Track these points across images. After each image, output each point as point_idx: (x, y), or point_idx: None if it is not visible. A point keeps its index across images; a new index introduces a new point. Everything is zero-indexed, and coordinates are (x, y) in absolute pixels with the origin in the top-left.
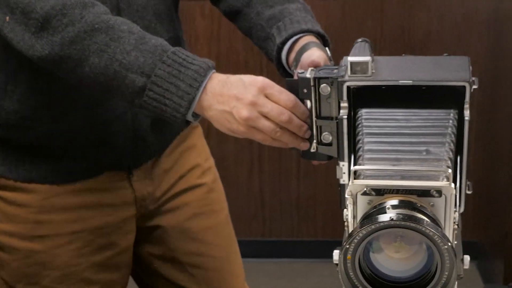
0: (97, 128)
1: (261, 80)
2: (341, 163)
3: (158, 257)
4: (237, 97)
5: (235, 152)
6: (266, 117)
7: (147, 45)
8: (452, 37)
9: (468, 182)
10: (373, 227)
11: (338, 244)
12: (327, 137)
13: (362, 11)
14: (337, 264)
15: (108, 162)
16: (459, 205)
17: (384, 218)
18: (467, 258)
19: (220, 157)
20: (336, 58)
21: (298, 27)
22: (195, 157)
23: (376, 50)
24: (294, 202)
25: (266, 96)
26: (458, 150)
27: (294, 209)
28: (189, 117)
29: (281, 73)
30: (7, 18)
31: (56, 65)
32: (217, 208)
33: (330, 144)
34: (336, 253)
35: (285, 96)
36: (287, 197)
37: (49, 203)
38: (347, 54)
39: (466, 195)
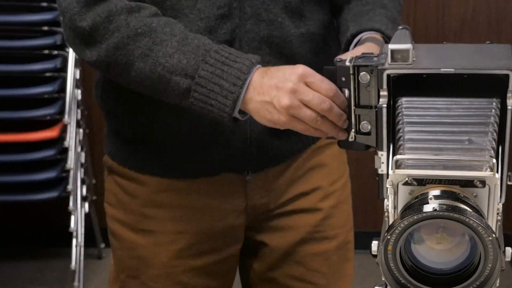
0: (209, 126)
1: (301, 68)
2: (379, 153)
3: (258, 274)
4: (277, 86)
5: None
6: (306, 105)
7: (189, 46)
8: (486, 25)
9: (509, 173)
10: (415, 217)
11: (369, 236)
12: (365, 126)
13: None
14: (375, 255)
15: (220, 162)
16: (501, 196)
17: (427, 208)
18: (509, 250)
19: None
20: None
21: (367, 24)
22: (321, 178)
23: None
24: None
25: (307, 85)
26: (500, 140)
27: None
28: (236, 114)
29: None
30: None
31: (106, 70)
32: (330, 234)
33: (369, 133)
34: (374, 244)
35: (326, 84)
36: None
37: (157, 197)
38: None
39: (508, 186)
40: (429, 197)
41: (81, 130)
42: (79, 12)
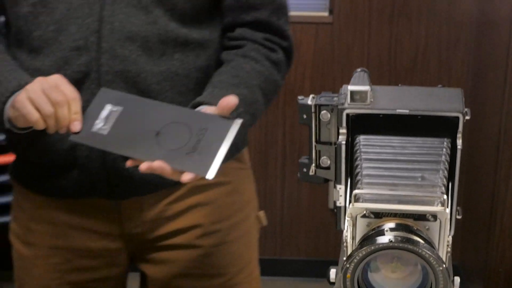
0: (67, 149)
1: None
2: (338, 186)
3: None
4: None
5: None
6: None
7: None
8: (436, 65)
9: (457, 208)
10: (372, 248)
11: (320, 264)
12: (325, 161)
13: (350, 36)
14: (332, 283)
15: (81, 186)
16: (450, 229)
17: (383, 240)
18: (457, 279)
19: None
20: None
21: (208, 98)
22: (202, 216)
23: None
24: (278, 222)
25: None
26: (450, 177)
27: (277, 228)
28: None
29: None
30: None
31: None
32: (212, 272)
33: (328, 168)
34: (333, 272)
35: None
36: (271, 217)
37: (39, 213)
38: (334, 77)
39: (456, 219)
40: (385, 229)
41: None
42: None
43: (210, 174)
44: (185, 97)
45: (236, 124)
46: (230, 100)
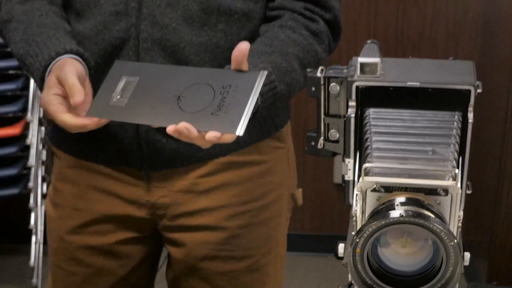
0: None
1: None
2: (347, 160)
3: (169, 281)
4: None
5: None
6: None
7: (26, 35)
8: (444, 39)
9: (468, 182)
10: (383, 222)
11: (324, 239)
12: (334, 134)
13: (356, 10)
14: (340, 257)
15: (114, 155)
16: (461, 204)
17: (394, 214)
18: (467, 255)
19: None
20: (333, 55)
21: None
22: (230, 196)
23: None
24: None
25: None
26: (461, 151)
27: None
28: None
29: None
30: None
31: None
32: (238, 255)
33: (337, 141)
34: (341, 247)
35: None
36: None
37: (65, 172)
38: (340, 51)
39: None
40: (395, 203)
41: (43, 128)
42: None
43: (240, 130)
44: None
45: (262, 76)
46: (240, 47)
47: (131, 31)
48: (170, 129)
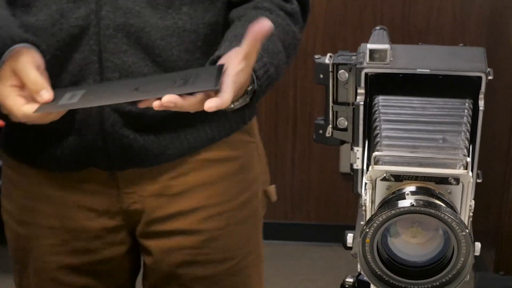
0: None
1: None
2: (355, 148)
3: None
4: None
5: None
6: None
7: None
8: (450, 26)
9: (478, 171)
10: (393, 212)
11: (330, 228)
12: (342, 122)
13: None
14: (348, 247)
15: (78, 154)
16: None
17: (404, 203)
18: (478, 245)
19: None
20: (339, 42)
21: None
22: (205, 197)
23: None
24: (288, 186)
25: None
26: (471, 139)
27: (288, 192)
28: None
29: None
30: None
31: None
32: (217, 258)
33: (345, 130)
34: (350, 237)
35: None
36: (281, 180)
37: (33, 190)
38: (346, 39)
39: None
40: (406, 192)
41: None
42: None
43: (218, 84)
44: (192, 54)
45: (220, 68)
46: (264, 24)
47: (91, 18)
48: (156, 104)
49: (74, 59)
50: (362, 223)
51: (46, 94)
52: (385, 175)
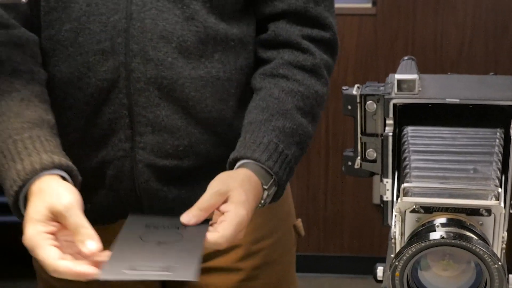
0: (94, 168)
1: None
2: (385, 180)
3: None
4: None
5: None
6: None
7: None
8: (483, 55)
9: (511, 202)
10: (423, 244)
11: (364, 260)
12: (371, 153)
13: (394, 27)
14: (379, 281)
15: (114, 208)
16: (504, 224)
17: (434, 236)
18: None
19: None
20: (370, 73)
21: (247, 151)
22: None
23: None
24: (321, 217)
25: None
26: (503, 169)
27: (321, 224)
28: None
29: None
30: None
31: None
32: None
33: (374, 161)
34: (380, 270)
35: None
36: (314, 212)
37: None
38: (377, 70)
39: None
40: (436, 224)
41: None
42: None
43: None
44: (226, 103)
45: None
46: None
47: (120, 70)
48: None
49: (103, 112)
50: (392, 255)
51: (90, 244)
52: (414, 207)
